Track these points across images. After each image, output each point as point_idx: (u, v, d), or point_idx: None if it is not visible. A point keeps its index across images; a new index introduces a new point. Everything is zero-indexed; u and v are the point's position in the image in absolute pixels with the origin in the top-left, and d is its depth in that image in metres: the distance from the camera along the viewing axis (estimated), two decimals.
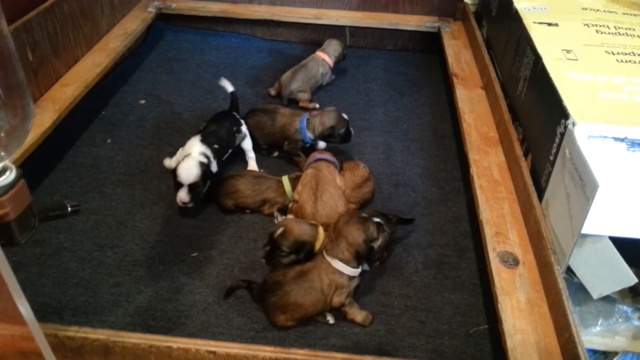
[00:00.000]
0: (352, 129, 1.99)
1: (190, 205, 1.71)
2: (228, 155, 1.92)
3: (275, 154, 2.09)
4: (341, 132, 1.94)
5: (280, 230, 1.49)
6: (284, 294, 1.42)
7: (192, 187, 1.68)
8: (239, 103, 2.09)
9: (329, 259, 1.44)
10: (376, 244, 1.48)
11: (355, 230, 1.43)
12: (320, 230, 1.55)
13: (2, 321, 0.78)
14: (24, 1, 1.98)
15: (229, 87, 2.07)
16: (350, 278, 1.44)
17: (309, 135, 1.96)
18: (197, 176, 1.68)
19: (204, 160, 1.73)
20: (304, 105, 2.37)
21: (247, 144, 1.99)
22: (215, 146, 1.81)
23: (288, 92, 2.36)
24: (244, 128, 1.97)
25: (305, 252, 1.50)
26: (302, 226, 1.53)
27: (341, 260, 1.42)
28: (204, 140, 1.80)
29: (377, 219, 1.50)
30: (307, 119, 1.97)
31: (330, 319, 1.46)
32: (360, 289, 1.52)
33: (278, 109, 2.09)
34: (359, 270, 1.45)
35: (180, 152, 1.87)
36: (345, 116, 1.96)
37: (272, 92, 2.44)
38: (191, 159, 1.71)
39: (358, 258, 1.43)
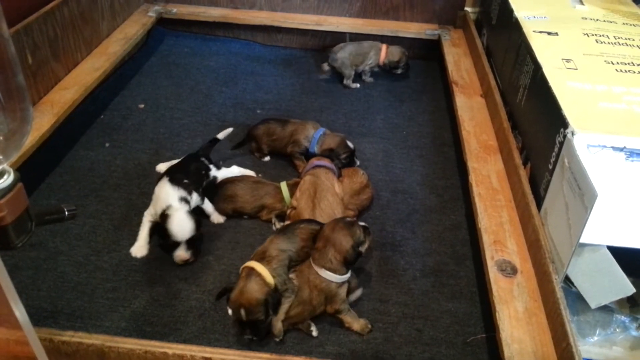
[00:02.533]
0: (357, 160, 2.01)
1: (192, 260, 1.60)
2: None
3: (267, 158, 2.09)
4: (342, 157, 1.95)
5: (243, 312, 1.34)
6: None
7: (190, 242, 1.57)
8: (233, 115, 2.05)
9: (316, 268, 1.43)
10: (363, 248, 1.48)
11: (343, 237, 1.43)
12: (257, 266, 1.40)
13: None
14: (24, 4, 1.98)
15: (222, 135, 1.96)
16: (339, 285, 1.43)
17: (316, 147, 1.99)
18: (192, 229, 1.56)
19: (186, 206, 1.60)
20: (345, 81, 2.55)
21: (224, 173, 1.86)
22: (185, 181, 1.67)
23: (337, 59, 2.50)
24: (213, 172, 1.82)
25: (272, 304, 1.36)
26: (251, 286, 1.36)
27: (329, 269, 1.42)
28: (173, 182, 1.64)
29: (362, 223, 1.50)
30: (322, 134, 2.00)
31: (314, 331, 1.44)
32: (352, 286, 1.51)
33: (289, 118, 2.12)
34: (347, 276, 1.45)
35: (156, 198, 1.65)
36: (350, 145, 1.98)
37: (326, 67, 2.59)
38: (178, 212, 1.56)
39: (346, 264, 1.43)
